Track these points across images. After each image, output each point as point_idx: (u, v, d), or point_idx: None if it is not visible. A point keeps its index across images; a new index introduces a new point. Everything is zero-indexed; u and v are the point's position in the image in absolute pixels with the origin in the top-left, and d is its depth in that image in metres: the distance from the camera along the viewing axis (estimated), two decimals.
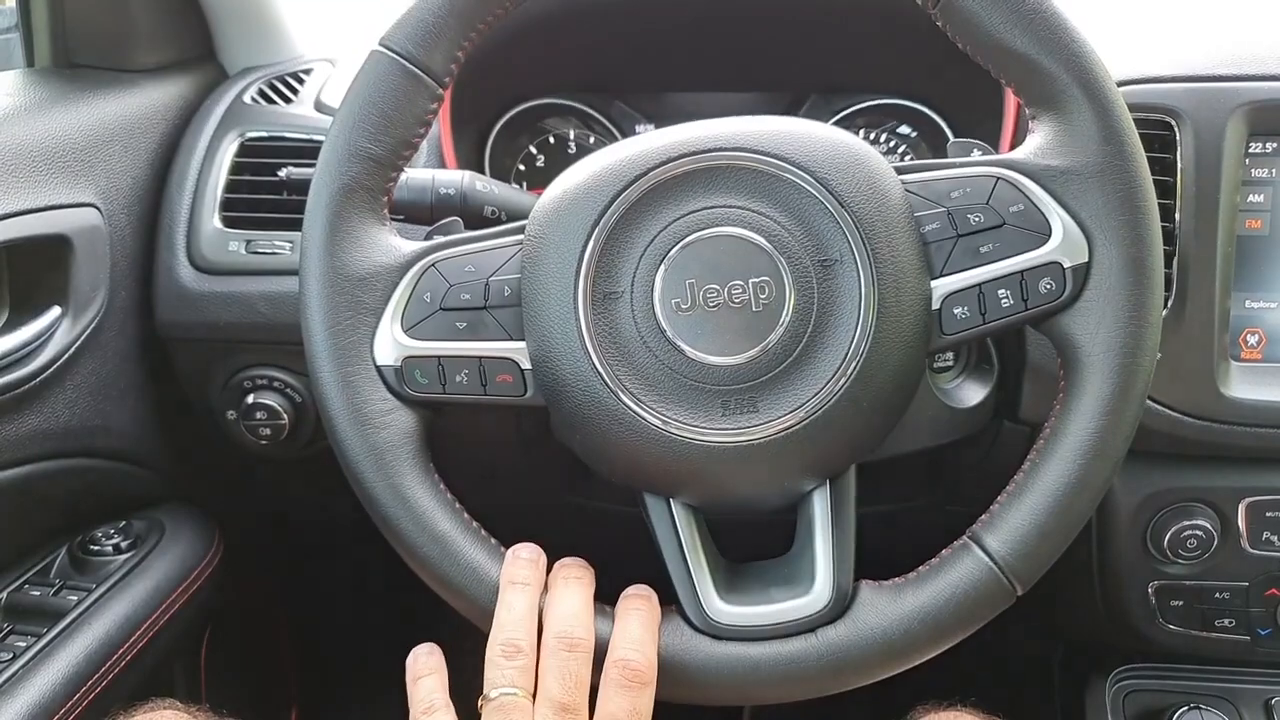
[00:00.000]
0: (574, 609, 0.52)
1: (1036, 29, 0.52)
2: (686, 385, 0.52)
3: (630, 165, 0.54)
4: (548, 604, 0.52)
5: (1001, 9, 0.52)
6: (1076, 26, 0.53)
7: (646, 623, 0.52)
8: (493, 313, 0.55)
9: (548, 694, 0.49)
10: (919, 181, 0.54)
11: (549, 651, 0.50)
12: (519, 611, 0.51)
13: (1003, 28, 0.52)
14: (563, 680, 0.49)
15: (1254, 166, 0.70)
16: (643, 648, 0.51)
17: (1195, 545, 0.75)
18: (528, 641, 0.50)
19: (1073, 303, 0.52)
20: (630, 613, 0.53)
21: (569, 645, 0.50)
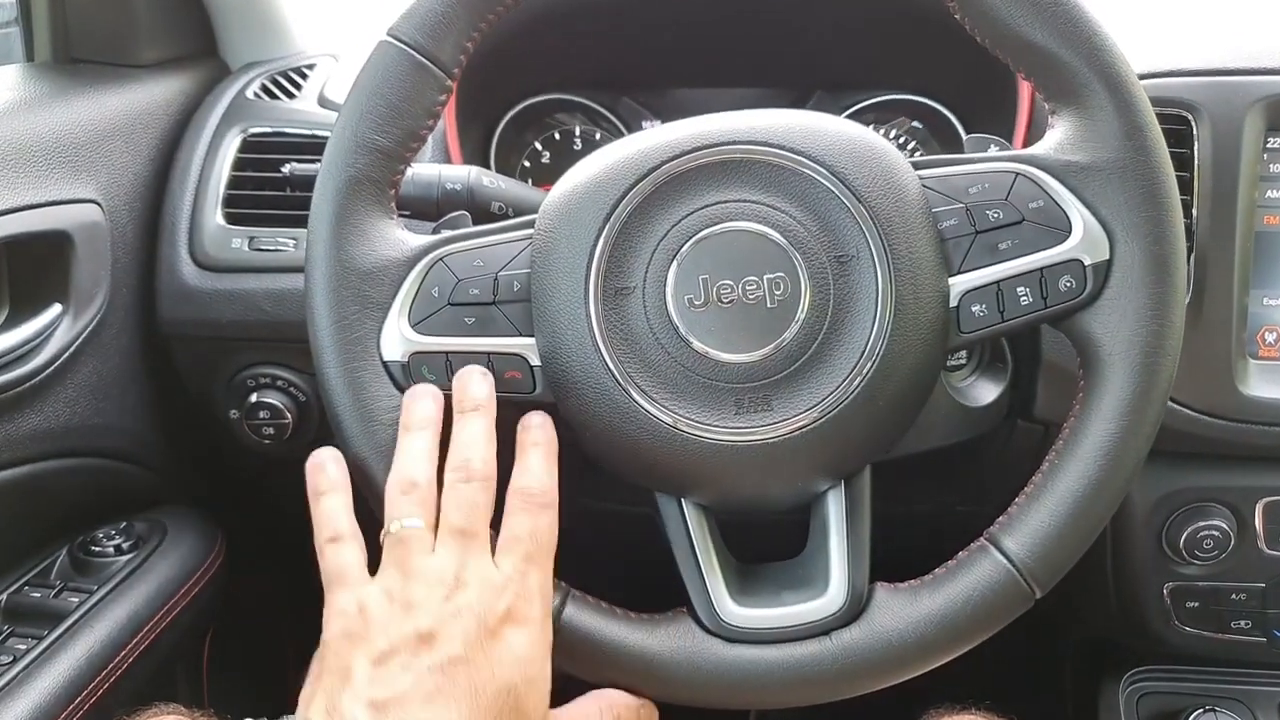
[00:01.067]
0: (470, 439, 0.51)
1: (1057, 21, 0.51)
2: (699, 383, 0.51)
3: (643, 159, 0.53)
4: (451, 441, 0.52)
5: (1022, 1, 0.51)
6: (1098, 19, 0.52)
7: (543, 454, 0.52)
8: (502, 308, 0.54)
9: (447, 521, 0.49)
10: (936, 177, 0.53)
11: (448, 485, 0.50)
12: (415, 451, 0.51)
13: (1023, 20, 0.51)
14: (459, 508, 0.49)
15: (1272, 162, 0.69)
16: (539, 475, 0.51)
17: (1211, 546, 0.74)
18: (425, 477, 0.50)
19: (1093, 301, 0.51)
20: (527, 447, 0.52)
21: (465, 476, 0.50)
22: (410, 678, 0.45)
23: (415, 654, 0.46)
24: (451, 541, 0.49)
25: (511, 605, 0.48)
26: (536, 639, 0.49)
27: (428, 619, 0.46)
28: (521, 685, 0.47)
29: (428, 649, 0.46)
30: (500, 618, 0.47)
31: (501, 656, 0.47)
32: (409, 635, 0.46)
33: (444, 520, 0.49)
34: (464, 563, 0.48)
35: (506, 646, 0.47)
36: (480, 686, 0.46)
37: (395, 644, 0.46)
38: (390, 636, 0.46)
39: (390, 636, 0.46)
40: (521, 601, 0.48)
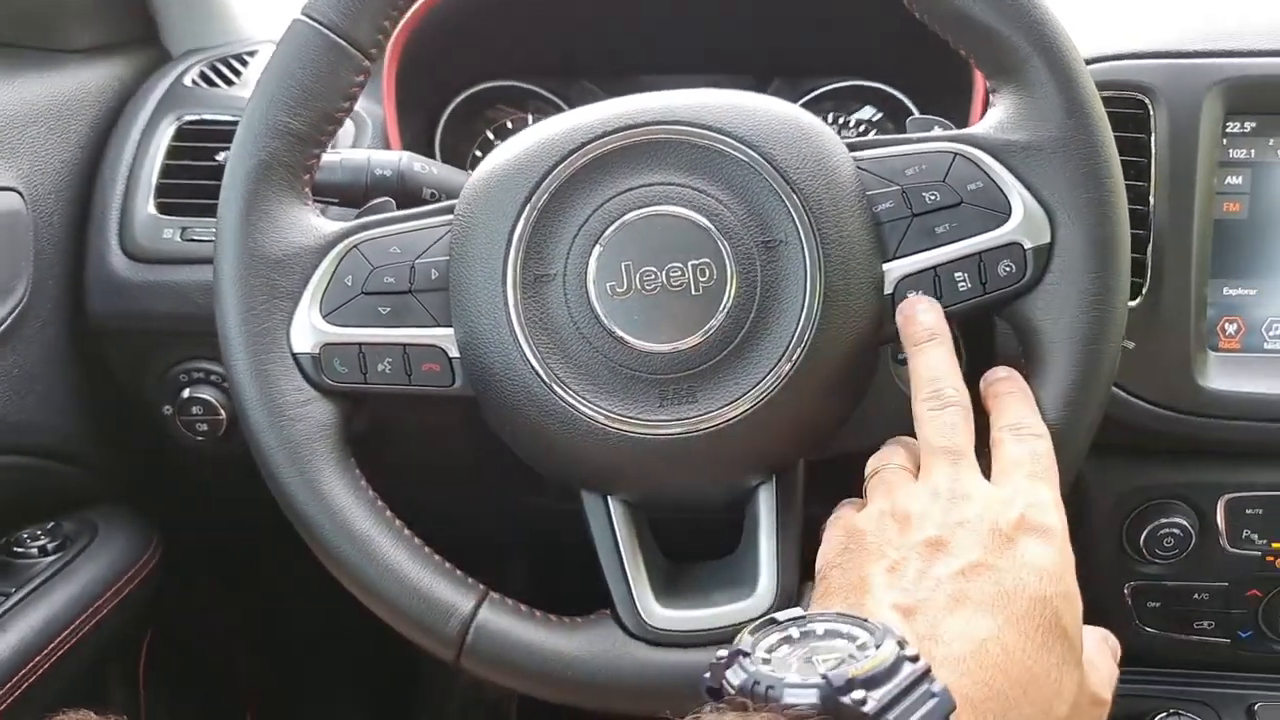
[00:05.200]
0: (935, 367, 0.48)
1: None
2: (622, 374, 0.49)
3: (564, 140, 0.51)
4: None
5: None
6: None
7: (1021, 399, 0.49)
8: (418, 297, 0.52)
9: (930, 445, 0.47)
10: (872, 158, 0.51)
11: (923, 416, 0.48)
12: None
13: None
14: (940, 431, 0.46)
15: (1231, 147, 0.67)
16: (1020, 411, 0.48)
17: (1172, 544, 0.71)
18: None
19: (1034, 286, 0.49)
20: (1003, 396, 0.49)
21: (940, 404, 0.47)
22: (929, 584, 0.41)
23: (929, 561, 0.42)
24: (939, 460, 0.46)
25: (1025, 514, 0.43)
26: (1062, 551, 0.43)
27: (934, 528, 0.43)
28: (1057, 600, 0.41)
29: (942, 555, 0.42)
30: (1014, 525, 0.43)
31: (1026, 565, 0.41)
32: (917, 544, 0.43)
33: (926, 445, 0.47)
34: (957, 477, 0.45)
35: (1028, 556, 0.42)
36: (1010, 593, 0.41)
37: (905, 554, 0.42)
38: (897, 548, 0.43)
39: (897, 548, 0.43)
40: (1035, 511, 0.44)
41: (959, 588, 0.41)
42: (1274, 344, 0.68)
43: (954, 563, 0.42)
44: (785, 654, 0.35)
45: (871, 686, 0.33)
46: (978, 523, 0.43)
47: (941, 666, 0.37)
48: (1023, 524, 0.43)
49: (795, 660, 0.35)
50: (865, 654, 0.34)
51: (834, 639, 0.36)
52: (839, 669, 0.33)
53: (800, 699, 0.33)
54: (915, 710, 0.33)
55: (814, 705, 0.32)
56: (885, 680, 0.33)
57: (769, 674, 0.34)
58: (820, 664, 0.34)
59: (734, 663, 0.35)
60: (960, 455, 0.46)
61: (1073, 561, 0.44)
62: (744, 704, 0.34)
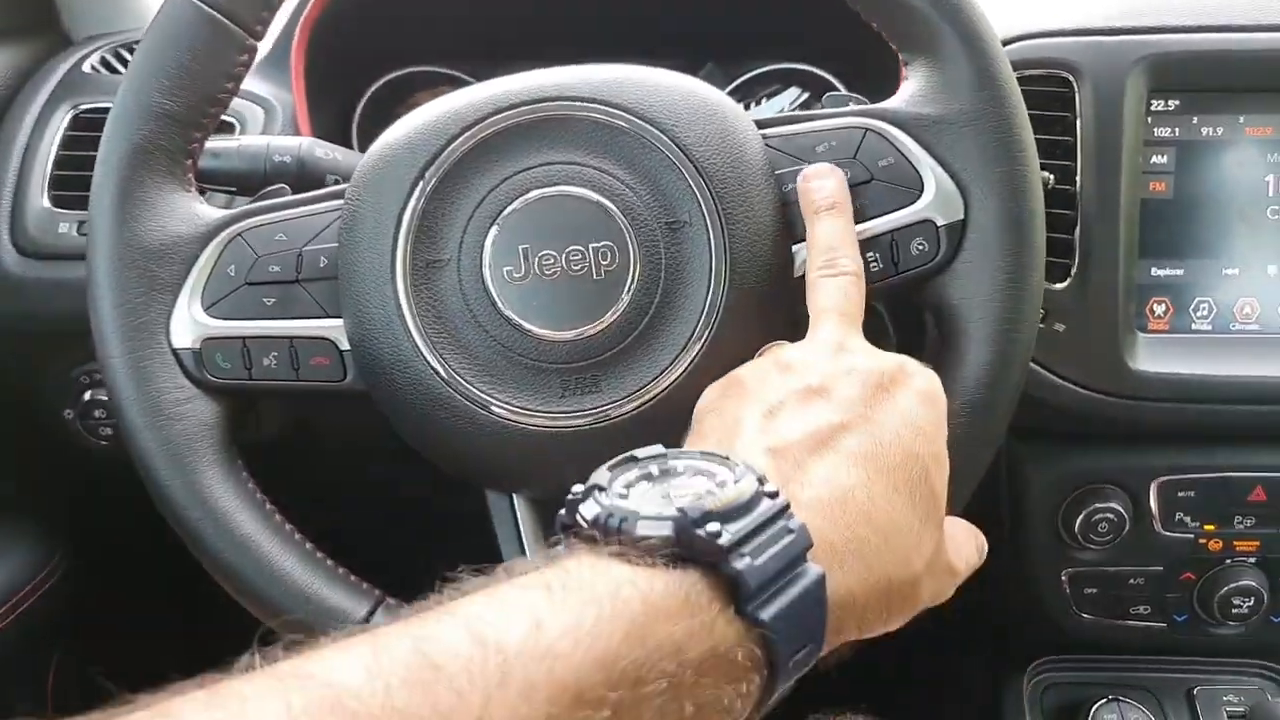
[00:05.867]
0: (831, 235, 0.47)
1: None
2: (521, 364, 0.46)
3: (456, 117, 0.48)
4: None
5: None
6: None
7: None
8: (306, 286, 0.49)
9: (819, 305, 0.46)
10: (781, 136, 0.49)
11: (814, 280, 0.47)
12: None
13: None
14: (831, 295, 0.46)
15: (1156, 125, 0.66)
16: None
17: (1107, 529, 0.70)
18: None
19: (948, 265, 0.48)
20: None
21: (835, 270, 0.46)
22: (802, 428, 0.40)
23: (806, 407, 0.41)
24: (828, 319, 0.45)
25: (907, 372, 0.42)
26: (940, 415, 0.43)
27: (816, 376, 0.42)
28: (928, 459, 0.41)
29: (821, 401, 0.41)
30: (894, 380, 0.42)
31: (903, 420, 0.41)
32: (797, 389, 0.41)
33: (816, 308, 0.46)
34: (845, 334, 0.44)
35: (907, 412, 0.41)
36: (884, 446, 0.40)
37: (783, 398, 0.41)
38: (777, 391, 0.42)
39: (777, 391, 0.42)
40: (918, 371, 0.43)
41: (833, 436, 0.39)
42: (1201, 324, 0.67)
43: (831, 411, 0.40)
44: (644, 490, 0.34)
45: (727, 520, 0.32)
46: (862, 372, 0.42)
47: (804, 508, 0.36)
48: (905, 380, 0.42)
49: (653, 496, 0.33)
50: (724, 490, 0.33)
51: (695, 476, 0.34)
52: (696, 503, 0.32)
53: (654, 531, 0.31)
54: (771, 545, 0.32)
55: (667, 538, 0.31)
56: (742, 515, 0.32)
57: (624, 507, 0.32)
58: (677, 499, 0.33)
59: (589, 497, 0.34)
60: (850, 319, 0.45)
61: (946, 429, 0.43)
62: (593, 537, 0.32)
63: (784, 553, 0.32)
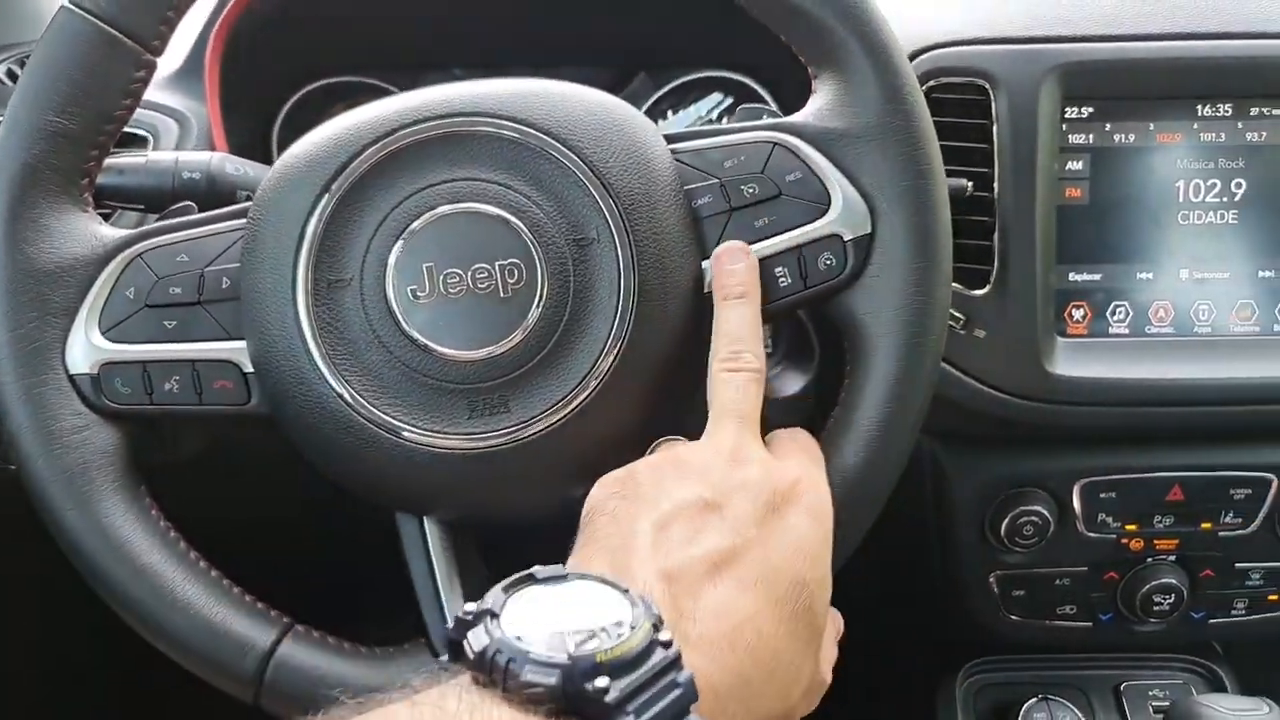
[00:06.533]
0: (738, 328, 0.47)
1: None
2: (427, 385, 0.46)
3: (359, 133, 0.47)
4: None
5: None
6: None
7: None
8: (208, 308, 0.48)
9: (719, 404, 0.45)
10: (690, 150, 0.49)
11: (716, 375, 0.46)
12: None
13: None
14: (731, 395, 0.46)
15: (1071, 132, 0.67)
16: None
17: (1032, 532, 0.71)
18: None
19: (855, 279, 0.48)
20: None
21: (735, 366, 0.46)
22: (696, 551, 0.39)
23: (700, 524, 0.40)
24: (726, 421, 0.44)
25: (799, 487, 0.42)
26: (828, 533, 0.42)
27: (711, 488, 0.41)
28: (814, 584, 0.40)
29: (714, 519, 0.40)
30: (786, 496, 0.42)
31: (792, 544, 0.41)
32: (691, 502, 0.40)
33: (716, 405, 0.45)
34: (741, 440, 0.44)
35: (796, 534, 0.41)
36: (774, 572, 0.39)
37: (677, 510, 0.40)
38: (671, 500, 0.41)
39: (671, 500, 0.41)
40: (810, 485, 0.43)
41: (726, 562, 0.39)
42: (1119, 328, 0.68)
43: (725, 532, 0.40)
44: (537, 618, 0.33)
45: (617, 674, 0.31)
46: (756, 488, 0.41)
47: (694, 649, 0.36)
48: (796, 498, 0.42)
49: (545, 630, 0.32)
50: (619, 632, 0.32)
51: (592, 606, 0.34)
52: (587, 646, 0.31)
53: (540, 679, 0.31)
54: (658, 700, 0.31)
55: (553, 688, 0.31)
56: (633, 668, 0.32)
57: (513, 644, 0.31)
58: (570, 638, 0.32)
59: (479, 622, 0.33)
60: (746, 420, 0.44)
61: (830, 543, 0.43)
62: (480, 667, 0.32)
63: (670, 709, 0.32)
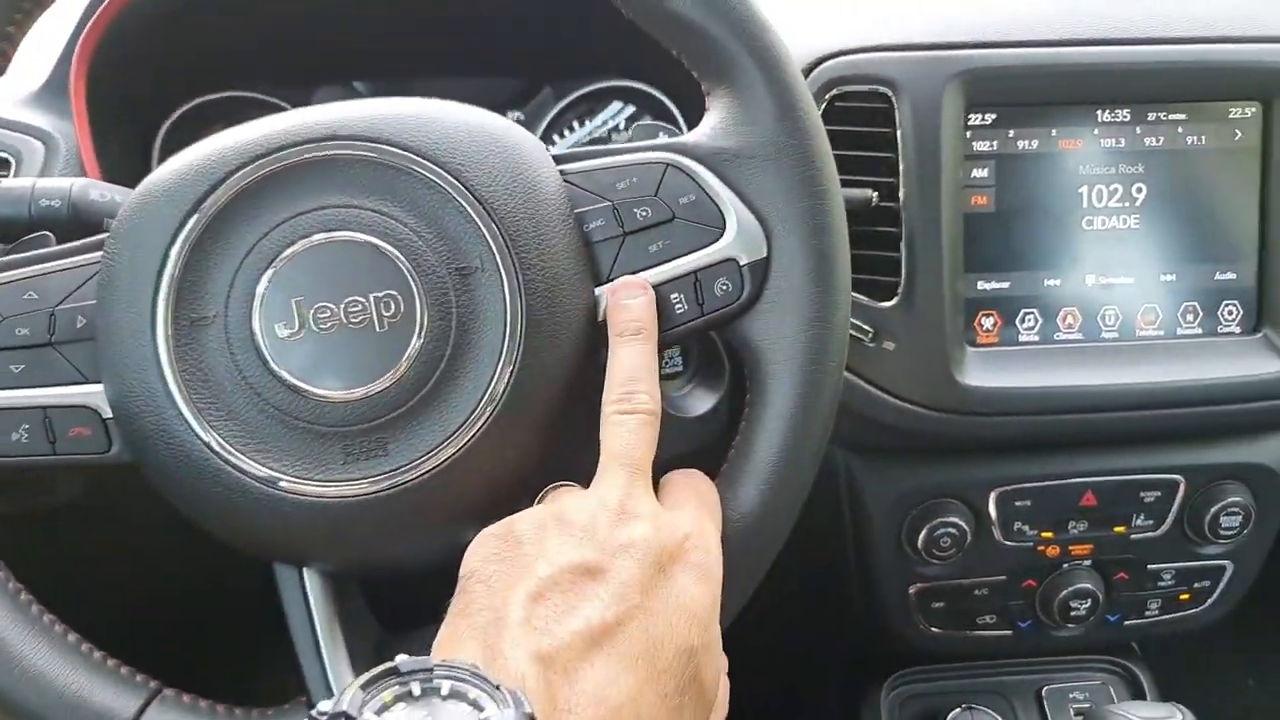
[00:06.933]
0: (632, 368, 0.44)
1: None
2: (298, 429, 0.43)
3: (223, 159, 0.44)
4: None
5: None
6: None
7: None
8: (61, 349, 0.44)
9: (609, 450, 0.43)
10: (580, 172, 0.47)
11: (608, 417, 0.44)
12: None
13: None
14: (623, 440, 0.43)
15: (975, 140, 0.66)
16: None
17: (950, 544, 0.71)
18: None
19: (752, 304, 0.46)
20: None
21: (629, 407, 0.44)
22: (573, 625, 0.36)
23: (579, 593, 0.37)
24: (614, 470, 0.42)
25: (687, 545, 0.40)
26: (715, 594, 0.40)
27: (594, 549, 0.39)
28: (701, 652, 0.38)
29: (595, 586, 0.38)
30: (674, 556, 0.40)
31: (678, 608, 0.38)
32: (571, 566, 0.38)
33: (605, 450, 0.43)
34: (630, 492, 0.41)
35: (683, 597, 0.39)
36: (657, 643, 0.37)
37: (556, 576, 0.38)
38: (551, 563, 0.38)
39: (551, 563, 0.38)
40: (698, 543, 0.41)
41: (606, 635, 0.37)
42: (1028, 335, 0.68)
43: (606, 602, 0.37)
44: (400, 717, 0.31)
45: None
46: (642, 548, 0.39)
47: None
48: (683, 556, 0.40)
49: None
50: None
51: (459, 702, 0.31)
52: None
53: None
54: None
55: None
56: None
57: None
58: None
59: None
60: (637, 469, 0.42)
61: (719, 604, 0.41)
62: None
63: None
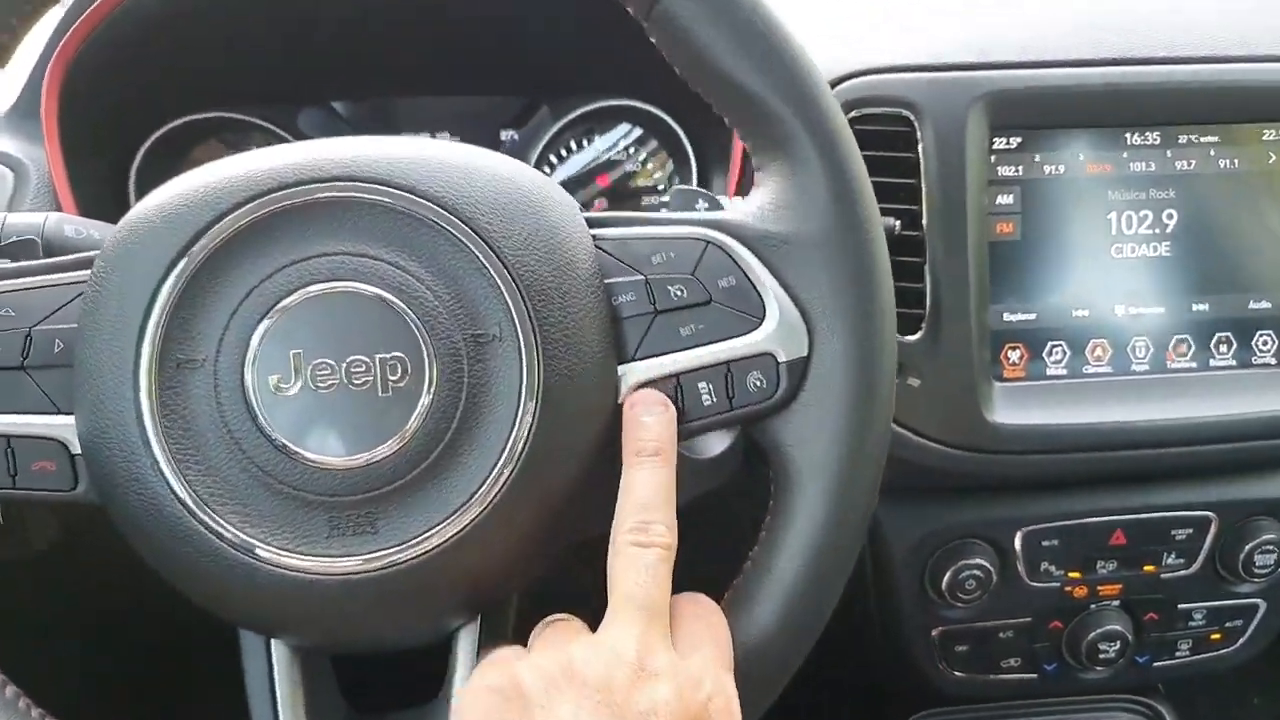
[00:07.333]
0: (650, 494, 0.40)
1: (761, 56, 0.42)
2: (281, 494, 0.39)
3: (229, 190, 0.40)
4: None
5: (723, 27, 0.42)
6: (809, 59, 0.43)
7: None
8: (33, 374, 0.40)
9: (622, 590, 0.39)
10: (615, 240, 0.43)
11: (622, 548, 0.40)
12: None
13: (723, 52, 0.42)
14: (638, 578, 0.39)
15: (1000, 164, 0.63)
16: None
17: (975, 586, 0.67)
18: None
19: (786, 404, 0.42)
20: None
21: (646, 540, 0.39)
22: None
23: None
24: (628, 613, 0.37)
25: (711, 709, 0.37)
26: None
27: (612, 717, 0.34)
28: None
29: None
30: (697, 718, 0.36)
31: None
32: None
33: (617, 588, 0.38)
34: (648, 643, 0.37)
35: None
36: None
37: None
38: None
39: None
40: (720, 708, 0.37)
41: None
42: (1056, 369, 0.65)
43: None
44: None
45: None
46: (664, 718, 0.35)
47: None
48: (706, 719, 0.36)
49: None
50: None
51: None
52: None
53: None
54: None
55: None
56: None
57: None
58: None
59: None
60: (654, 614, 0.38)
61: None
62: None
63: None
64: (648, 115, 0.80)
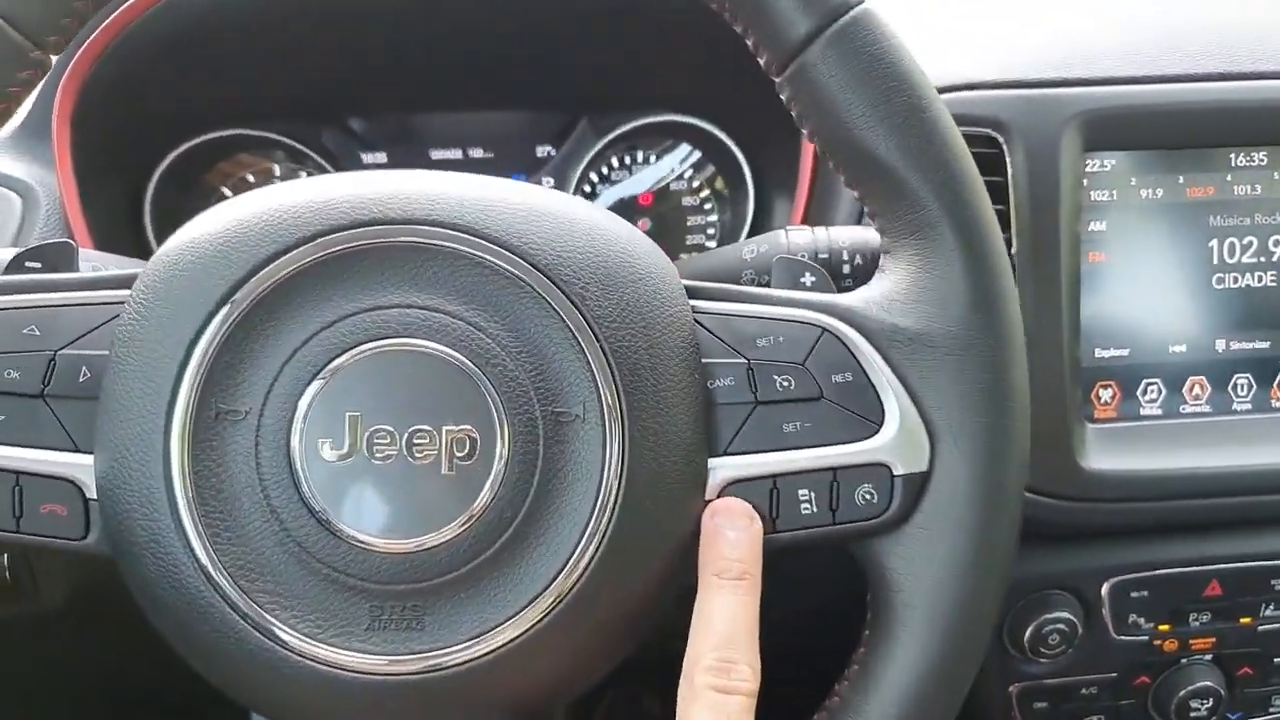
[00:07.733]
0: (733, 627, 0.35)
1: (907, 131, 0.37)
2: (319, 574, 0.34)
3: (294, 224, 0.36)
4: None
5: (868, 93, 0.36)
6: (960, 139, 0.38)
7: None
8: (53, 404, 0.36)
9: None
10: (717, 315, 0.38)
11: (700, 690, 0.35)
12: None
13: (864, 120, 0.37)
14: None
15: (1092, 188, 0.58)
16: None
17: (1059, 640, 0.63)
18: None
19: (898, 525, 0.37)
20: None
21: (725, 683, 0.34)
22: None
23: None
24: None
25: None
26: None
27: None
28: None
29: None
30: None
31: None
32: None
33: None
34: None
35: None
36: None
37: None
38: None
39: None
40: None
41: None
42: (1151, 409, 0.60)
43: None
44: None
45: None
46: None
47: None
48: None
49: None
50: None
51: None
52: None
53: None
54: None
55: None
56: None
57: None
58: None
59: None
60: None
61: None
62: None
63: None
64: (698, 131, 0.75)
